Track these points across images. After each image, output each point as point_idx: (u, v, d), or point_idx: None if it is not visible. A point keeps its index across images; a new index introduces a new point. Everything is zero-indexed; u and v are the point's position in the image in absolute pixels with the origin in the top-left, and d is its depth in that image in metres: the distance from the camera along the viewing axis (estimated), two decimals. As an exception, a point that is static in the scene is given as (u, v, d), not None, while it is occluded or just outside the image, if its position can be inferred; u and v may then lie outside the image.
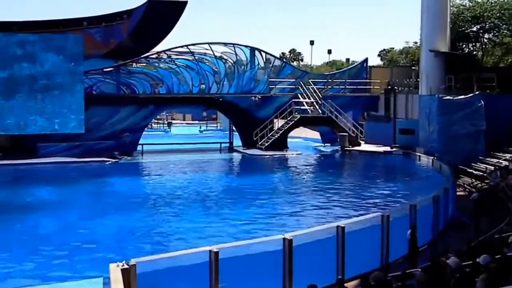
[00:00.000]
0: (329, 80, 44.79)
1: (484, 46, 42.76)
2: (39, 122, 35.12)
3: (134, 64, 39.26)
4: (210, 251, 11.33)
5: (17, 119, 34.71)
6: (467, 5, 41.20)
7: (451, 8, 38.03)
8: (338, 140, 41.83)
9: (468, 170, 29.10)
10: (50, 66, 35.18)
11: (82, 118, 35.81)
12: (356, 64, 49.36)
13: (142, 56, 39.39)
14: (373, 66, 50.64)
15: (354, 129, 41.80)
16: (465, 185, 26.81)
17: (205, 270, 11.23)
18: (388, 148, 39.30)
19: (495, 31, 41.39)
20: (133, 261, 10.80)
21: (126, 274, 10.77)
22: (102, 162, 34.98)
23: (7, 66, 34.45)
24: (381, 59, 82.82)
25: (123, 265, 11.16)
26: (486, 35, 42.15)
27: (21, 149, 35.36)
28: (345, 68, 50.87)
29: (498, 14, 39.62)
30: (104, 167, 34.37)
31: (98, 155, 35.72)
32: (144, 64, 39.89)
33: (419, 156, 34.69)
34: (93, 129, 36.54)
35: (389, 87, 42.04)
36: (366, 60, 47.38)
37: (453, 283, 7.92)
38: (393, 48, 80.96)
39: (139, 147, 39.06)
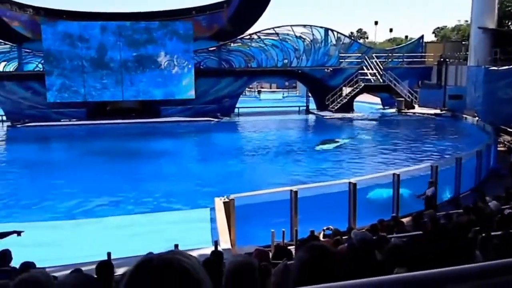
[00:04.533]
0: (390, 54, 43.08)
1: (526, 23, 39.48)
2: (162, 90, 36.23)
3: (232, 44, 39.40)
4: (291, 190, 11.45)
5: (145, 88, 35.97)
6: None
7: (499, -10, 35.15)
8: (395, 104, 40.60)
9: (508, 129, 27.38)
10: (168, 47, 35.96)
11: (193, 87, 36.62)
12: (413, 40, 46.96)
13: (238, 37, 39.43)
14: (428, 42, 47.95)
15: (409, 95, 40.31)
16: (505, 142, 25.28)
17: (287, 205, 11.39)
18: (438, 111, 37.63)
19: (537, 10, 38.04)
20: (232, 196, 11.13)
21: (227, 206, 11.13)
22: (208, 121, 35.80)
23: (137, 48, 35.54)
24: (435, 36, 78.16)
25: (225, 199, 11.52)
26: (529, 14, 38.82)
27: (148, 111, 36.75)
28: (404, 44, 48.55)
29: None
30: (209, 125, 35.18)
31: (204, 115, 36.56)
32: (240, 44, 39.89)
33: (465, 117, 32.98)
34: (201, 96, 37.27)
35: (442, 59, 39.96)
36: (422, 37, 45.03)
37: (496, 222, 7.59)
38: (446, 26, 76.18)
39: (236, 110, 39.59)
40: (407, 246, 3.59)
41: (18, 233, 7.57)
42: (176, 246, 8.14)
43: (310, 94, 42.68)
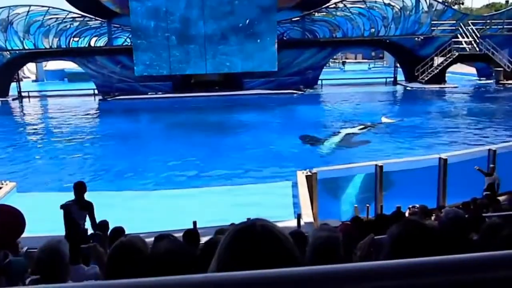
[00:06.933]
0: (488, 21, 40.08)
1: None
2: (244, 62, 36.44)
3: (316, 13, 38.68)
4: (376, 165, 11.18)
5: (228, 60, 36.36)
6: None
7: None
8: (493, 74, 37.96)
9: None
10: (251, 18, 35.88)
11: (276, 58, 36.44)
12: (515, 4, 43.47)
13: (323, 6, 38.58)
14: (532, 6, 44.11)
15: (509, 65, 37.42)
16: None
17: (372, 180, 11.15)
18: (543, 82, 34.74)
19: None
20: (315, 170, 11.08)
21: (309, 179, 11.12)
22: (290, 94, 35.70)
23: (220, 20, 35.80)
24: (541, 0, 71.57)
25: (307, 173, 11.51)
26: None
27: (231, 83, 37.27)
28: (504, 10, 44.93)
29: None
30: (292, 97, 35.07)
31: (287, 88, 36.46)
32: (324, 13, 39.04)
33: None
34: (283, 68, 37.11)
35: (549, 24, 36.66)
36: (526, 0, 41.47)
37: None
38: (554, -12, 69.43)
39: (319, 82, 39.04)
40: (506, 226, 3.36)
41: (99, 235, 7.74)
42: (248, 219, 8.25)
43: (398, 65, 41.07)
